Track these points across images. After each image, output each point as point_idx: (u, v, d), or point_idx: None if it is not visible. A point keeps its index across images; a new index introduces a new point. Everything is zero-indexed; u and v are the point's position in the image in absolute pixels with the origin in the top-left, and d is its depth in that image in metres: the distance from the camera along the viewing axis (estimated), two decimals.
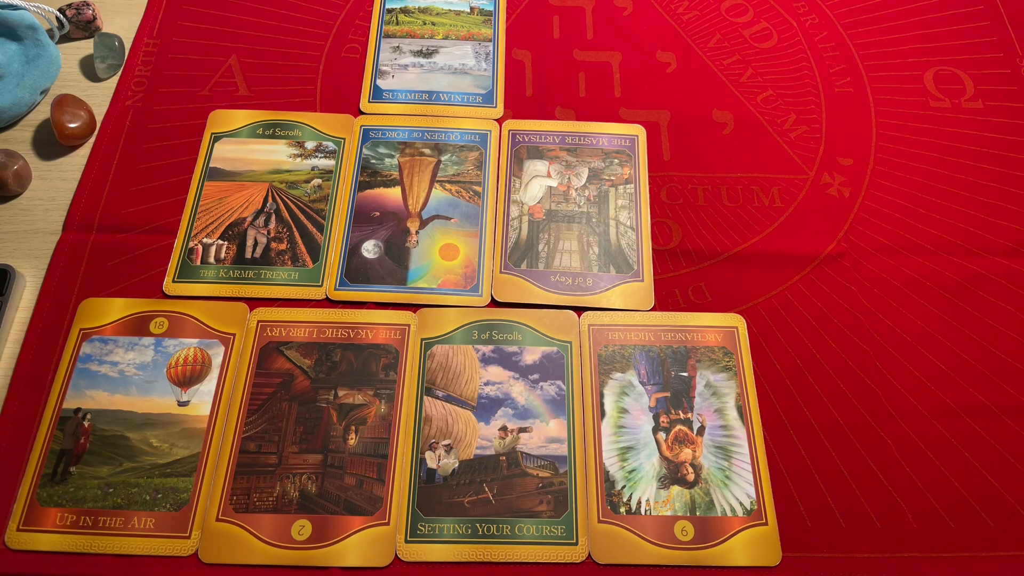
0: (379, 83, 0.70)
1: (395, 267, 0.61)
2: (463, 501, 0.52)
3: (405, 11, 0.75)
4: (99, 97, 0.69)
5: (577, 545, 0.51)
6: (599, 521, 0.52)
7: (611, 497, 0.52)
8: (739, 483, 0.53)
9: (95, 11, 0.71)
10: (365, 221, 0.63)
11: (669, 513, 0.52)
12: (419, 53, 0.72)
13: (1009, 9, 0.76)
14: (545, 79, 0.71)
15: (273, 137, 0.67)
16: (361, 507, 0.51)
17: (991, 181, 0.66)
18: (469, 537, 0.51)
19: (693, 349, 0.58)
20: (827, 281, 0.61)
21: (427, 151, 0.67)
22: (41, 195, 0.64)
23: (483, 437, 0.54)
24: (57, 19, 0.70)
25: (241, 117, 0.68)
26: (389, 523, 0.51)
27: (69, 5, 0.71)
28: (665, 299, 0.60)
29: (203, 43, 0.72)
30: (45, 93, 0.69)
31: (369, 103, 0.69)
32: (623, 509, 0.52)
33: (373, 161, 0.66)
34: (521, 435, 0.54)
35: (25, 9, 0.66)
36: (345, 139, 0.67)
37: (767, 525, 0.52)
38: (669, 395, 0.56)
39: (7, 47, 0.64)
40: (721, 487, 0.53)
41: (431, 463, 0.53)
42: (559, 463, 0.53)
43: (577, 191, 0.65)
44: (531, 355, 0.57)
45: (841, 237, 0.64)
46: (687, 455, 0.54)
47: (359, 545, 0.50)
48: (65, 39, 0.72)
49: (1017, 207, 0.65)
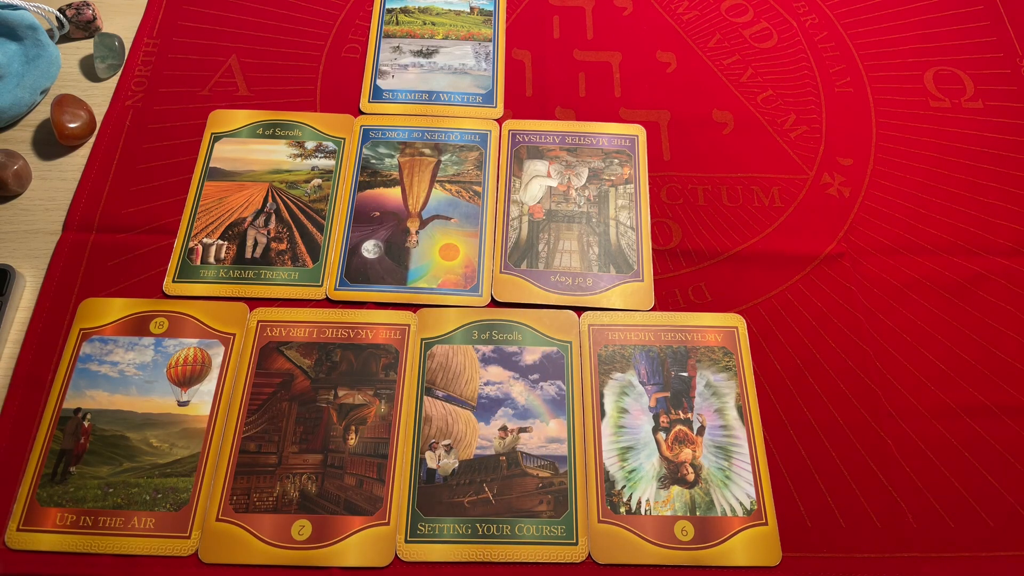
0: (379, 83, 0.70)
1: (395, 267, 0.61)
2: (463, 501, 0.52)
3: (405, 11, 0.75)
4: (99, 97, 0.69)
5: (577, 545, 0.51)
6: (599, 521, 0.52)
7: (611, 497, 0.52)
8: (739, 483, 0.53)
9: (95, 11, 0.71)
10: (365, 221, 0.63)
11: (669, 513, 0.52)
12: (419, 53, 0.72)
13: (1009, 9, 0.76)
14: (545, 79, 0.71)
15: (273, 137, 0.67)
16: (361, 507, 0.51)
17: (991, 181, 0.66)
18: (469, 537, 0.51)
19: (693, 349, 0.58)
20: (827, 281, 0.61)
21: (427, 151, 0.67)
22: (41, 195, 0.64)
23: (483, 437, 0.54)
24: (57, 19, 0.70)
25: (241, 117, 0.68)
26: (389, 523, 0.51)
27: (69, 5, 0.71)
28: (665, 299, 0.60)
29: (203, 43, 0.72)
30: (45, 93, 0.69)
31: (369, 103, 0.69)
32: (623, 509, 0.52)
33: (373, 161, 0.66)
34: (521, 435, 0.54)
35: (25, 9, 0.66)
36: (345, 139, 0.67)
37: (767, 525, 0.52)
38: (669, 395, 0.56)
39: (7, 47, 0.64)
40: (721, 487, 0.53)
41: (431, 463, 0.53)
42: (559, 463, 0.53)
43: (577, 191, 0.65)
44: (531, 355, 0.57)
45: (841, 237, 0.64)
46: (687, 455, 0.54)
47: (359, 545, 0.50)
48: (65, 39, 0.72)
49: (1017, 207, 0.65)
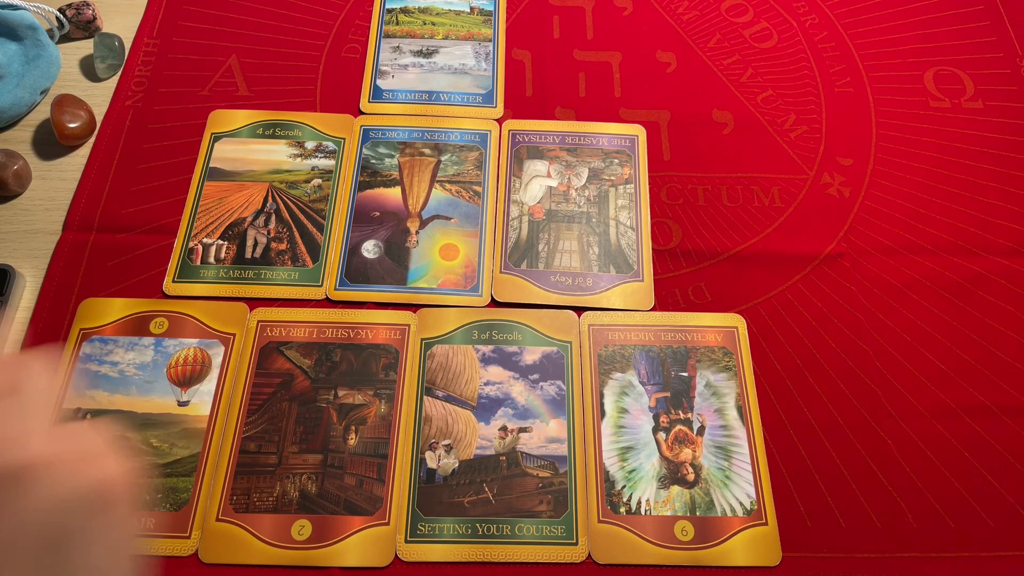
0: (379, 83, 0.70)
1: (395, 267, 0.61)
2: (463, 501, 0.52)
3: (405, 11, 0.75)
4: (99, 97, 0.69)
5: (577, 545, 0.51)
6: (599, 521, 0.52)
7: (611, 497, 0.52)
8: (739, 483, 0.53)
9: (95, 11, 0.71)
10: (365, 221, 0.63)
11: (669, 513, 0.52)
12: (419, 53, 0.72)
13: (1009, 9, 0.76)
14: (545, 79, 0.71)
15: (273, 137, 0.67)
16: (361, 507, 0.51)
17: (991, 181, 0.66)
18: (469, 537, 0.51)
19: (693, 349, 0.58)
20: (827, 281, 0.61)
21: (427, 151, 0.67)
22: (41, 195, 0.64)
23: (483, 437, 0.54)
24: (57, 19, 0.70)
25: (241, 117, 0.68)
26: (389, 523, 0.51)
27: (69, 5, 0.71)
28: (665, 299, 0.60)
29: (203, 43, 0.72)
30: (45, 93, 0.69)
31: (369, 103, 0.69)
32: (623, 509, 0.52)
33: (373, 161, 0.66)
34: (521, 435, 0.54)
35: (25, 9, 0.66)
36: (345, 139, 0.67)
37: (767, 525, 0.52)
38: (669, 395, 0.56)
39: (7, 47, 0.64)
40: (721, 487, 0.53)
41: (431, 463, 0.53)
42: (559, 463, 0.53)
43: (577, 191, 0.65)
44: (531, 355, 0.57)
45: (841, 237, 0.64)
46: (687, 455, 0.54)
47: (359, 545, 0.50)
48: (65, 39, 0.72)
49: (1017, 207, 0.65)
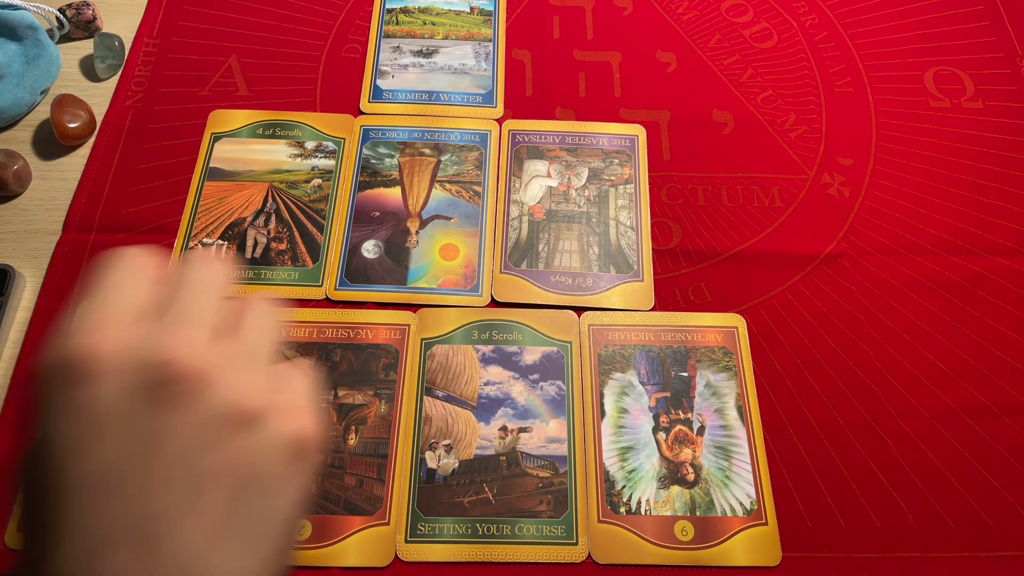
0: (379, 83, 0.70)
1: (395, 267, 0.61)
2: (463, 501, 0.52)
3: (405, 11, 0.75)
4: (99, 97, 0.69)
5: (577, 545, 0.51)
6: (599, 521, 0.52)
7: (611, 497, 0.52)
8: (739, 483, 0.53)
9: (95, 11, 0.71)
10: (365, 221, 0.63)
11: (669, 513, 0.52)
12: (419, 53, 0.72)
13: (1009, 9, 0.76)
14: (545, 79, 0.71)
15: (273, 137, 0.67)
16: (361, 507, 0.51)
17: (991, 181, 0.66)
18: (469, 537, 0.51)
19: (693, 349, 0.58)
20: (827, 281, 0.61)
21: (427, 151, 0.67)
22: (41, 195, 0.64)
23: (483, 437, 0.54)
24: (57, 19, 0.70)
25: (241, 117, 0.68)
26: (389, 523, 0.51)
27: (69, 5, 0.71)
28: (665, 299, 0.60)
29: (203, 43, 0.72)
30: (45, 93, 0.69)
31: (369, 103, 0.69)
32: (623, 509, 0.52)
33: (373, 161, 0.66)
34: (521, 435, 0.54)
35: (25, 9, 0.66)
36: (345, 139, 0.67)
37: (767, 525, 0.52)
38: (669, 395, 0.56)
39: (7, 47, 0.64)
40: (721, 487, 0.53)
41: (431, 463, 0.53)
42: (559, 463, 0.53)
43: (577, 191, 0.65)
44: (531, 355, 0.57)
45: (841, 237, 0.64)
46: (687, 455, 0.54)
47: (359, 545, 0.50)
48: (65, 39, 0.72)
49: (1017, 207, 0.65)
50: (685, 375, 0.57)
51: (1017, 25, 0.75)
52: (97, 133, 0.67)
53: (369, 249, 0.62)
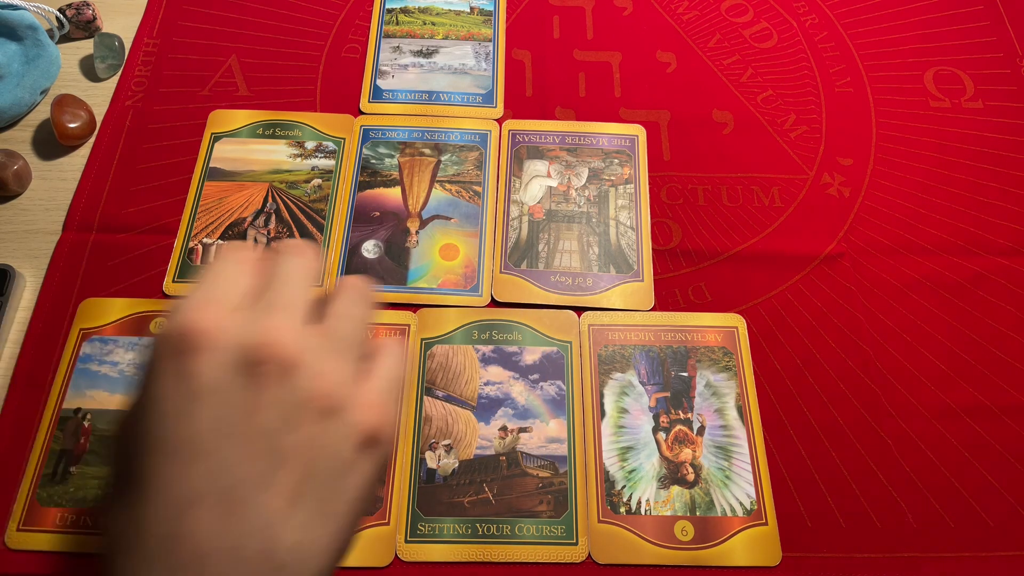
0: (379, 83, 0.70)
1: (395, 267, 0.61)
2: (463, 501, 0.52)
3: (405, 11, 0.75)
4: (99, 97, 0.69)
5: (577, 545, 0.51)
6: (599, 521, 0.52)
7: (611, 497, 0.52)
8: (739, 483, 0.53)
9: (95, 11, 0.71)
10: (365, 221, 0.63)
11: (669, 513, 0.52)
12: (419, 53, 0.72)
13: (1009, 9, 0.76)
14: (545, 79, 0.71)
15: (273, 137, 0.67)
16: None
17: (991, 181, 0.66)
18: (469, 537, 0.51)
19: (693, 349, 0.58)
20: (827, 281, 0.61)
21: (427, 151, 0.67)
22: (41, 195, 0.64)
23: (483, 437, 0.54)
24: (57, 19, 0.70)
25: (241, 117, 0.68)
26: (389, 523, 0.51)
27: (69, 5, 0.71)
28: (665, 299, 0.60)
29: (203, 43, 0.72)
30: (45, 93, 0.69)
31: (369, 103, 0.69)
32: (623, 509, 0.52)
33: (373, 161, 0.66)
34: (521, 435, 0.54)
35: (25, 9, 0.66)
36: (345, 139, 0.67)
37: (767, 525, 0.52)
38: (669, 395, 0.56)
39: (7, 47, 0.64)
40: (721, 487, 0.53)
41: (431, 463, 0.53)
42: (559, 463, 0.53)
43: (577, 191, 0.65)
44: (531, 355, 0.57)
45: (841, 237, 0.64)
46: (687, 455, 0.54)
47: (359, 545, 0.50)
48: (65, 39, 0.72)
49: (1017, 207, 0.65)
50: (685, 375, 0.57)
51: (1017, 25, 0.75)
52: (97, 133, 0.67)
53: (369, 249, 0.62)
